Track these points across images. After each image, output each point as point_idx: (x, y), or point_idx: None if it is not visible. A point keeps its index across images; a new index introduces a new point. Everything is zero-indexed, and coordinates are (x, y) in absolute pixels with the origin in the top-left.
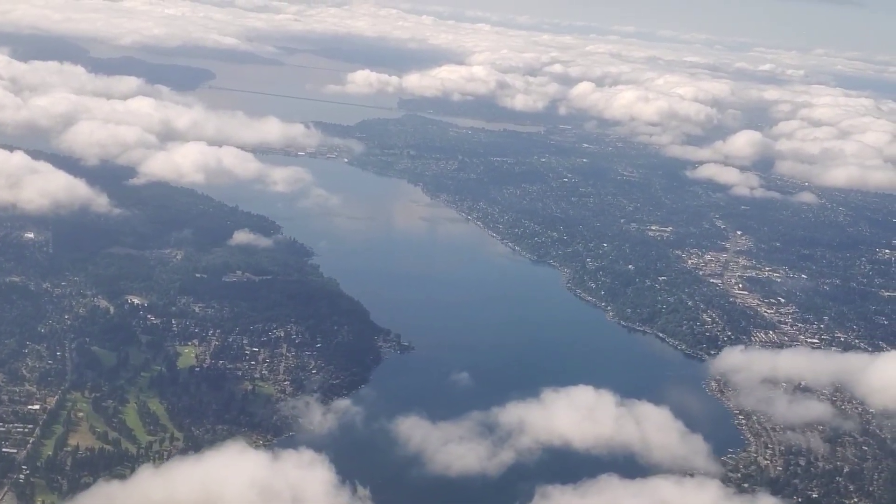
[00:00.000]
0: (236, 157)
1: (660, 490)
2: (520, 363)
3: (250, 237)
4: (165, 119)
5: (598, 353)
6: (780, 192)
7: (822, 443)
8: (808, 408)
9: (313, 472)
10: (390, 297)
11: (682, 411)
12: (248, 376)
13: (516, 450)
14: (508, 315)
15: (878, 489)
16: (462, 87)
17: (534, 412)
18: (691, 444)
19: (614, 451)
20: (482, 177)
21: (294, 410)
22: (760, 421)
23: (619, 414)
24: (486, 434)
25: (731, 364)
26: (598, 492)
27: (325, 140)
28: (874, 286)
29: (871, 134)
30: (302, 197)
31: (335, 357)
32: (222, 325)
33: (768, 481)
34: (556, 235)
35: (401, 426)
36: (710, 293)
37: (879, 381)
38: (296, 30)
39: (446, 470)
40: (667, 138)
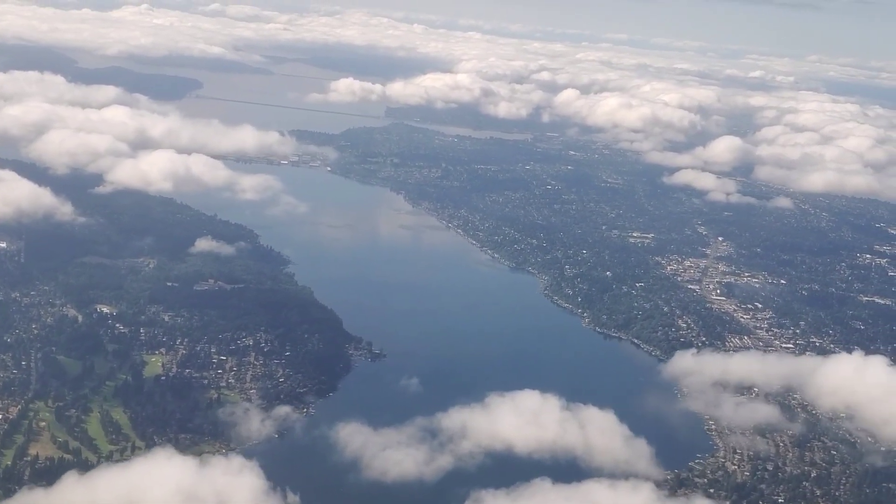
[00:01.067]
0: (206, 165)
1: (592, 494)
2: (488, 370)
3: (213, 244)
4: (141, 128)
5: (568, 359)
6: (756, 198)
7: (770, 446)
8: (755, 411)
9: (241, 478)
10: (365, 306)
11: (646, 416)
12: (214, 385)
13: (456, 455)
14: (483, 322)
15: (845, 493)
16: (446, 95)
17: (477, 417)
18: (635, 448)
19: (556, 456)
20: (465, 184)
21: (246, 418)
22: (730, 426)
23: (563, 418)
24: (428, 439)
25: (683, 368)
26: (530, 496)
27: (300, 148)
28: (853, 291)
29: (853, 139)
30: (273, 205)
31: (304, 365)
32: (191, 334)
33: (734, 486)
34: (536, 243)
35: (343, 433)
36: (687, 299)
37: (827, 384)
38: (285, 39)
39: (382, 476)
40: (648, 145)
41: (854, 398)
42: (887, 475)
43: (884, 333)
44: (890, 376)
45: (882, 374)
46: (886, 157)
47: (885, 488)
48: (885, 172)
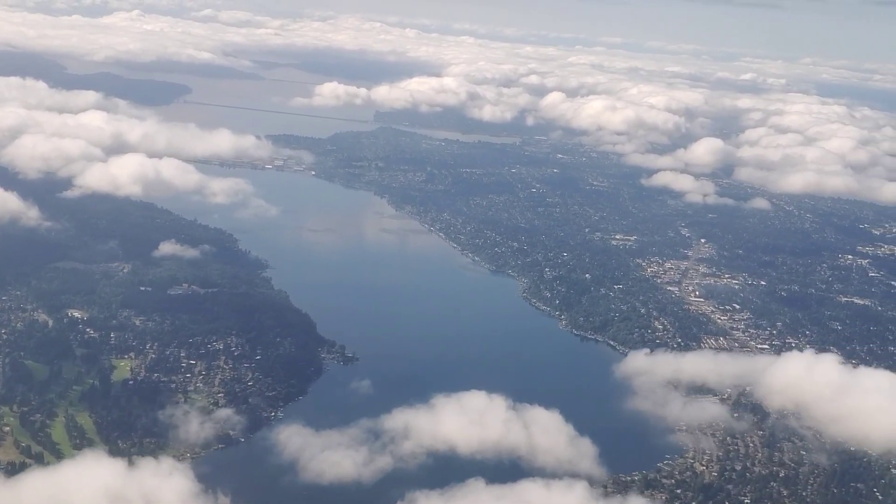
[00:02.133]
0: (177, 169)
1: (525, 494)
2: (456, 373)
3: (176, 248)
4: (117, 132)
5: (535, 361)
6: (734, 199)
7: (716, 445)
8: (703, 409)
9: (170, 481)
10: (342, 309)
11: (594, 417)
12: (182, 389)
13: (397, 456)
14: (459, 326)
15: (811, 493)
16: (432, 99)
17: (421, 418)
18: (579, 448)
19: (498, 456)
20: (450, 188)
21: (187, 420)
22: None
23: (508, 419)
24: (371, 441)
25: (636, 368)
26: (463, 496)
27: (279, 152)
28: (832, 292)
29: (836, 140)
30: (254, 209)
31: (274, 369)
32: (161, 338)
33: (701, 487)
34: (517, 246)
35: (285, 435)
36: (665, 300)
37: (777, 383)
38: (275, 44)
39: (318, 477)
40: (630, 147)
41: (803, 396)
42: (855, 475)
43: (860, 333)
44: (840, 374)
45: (832, 371)
46: (869, 158)
47: (853, 488)
48: (865, 173)
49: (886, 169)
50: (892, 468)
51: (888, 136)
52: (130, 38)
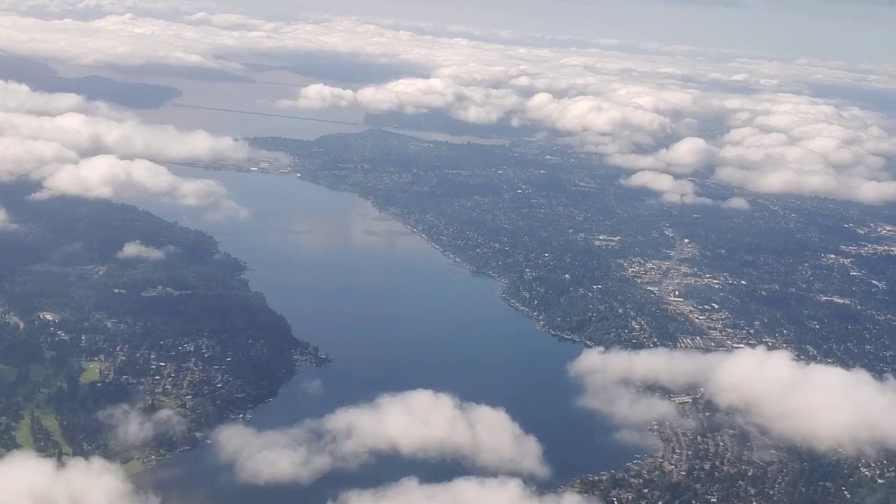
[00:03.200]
0: (148, 171)
1: (459, 492)
2: (427, 374)
3: (140, 249)
4: (95, 135)
5: (506, 362)
6: (711, 199)
7: (660, 442)
8: (651, 407)
9: (99, 481)
10: (319, 311)
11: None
12: (150, 391)
13: (337, 455)
14: (435, 327)
15: (779, 492)
16: (418, 101)
17: (365, 418)
18: (523, 446)
19: (440, 455)
20: (435, 189)
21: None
22: (673, 427)
23: (452, 418)
24: (314, 440)
25: (589, 366)
26: (394, 496)
27: (258, 154)
28: (813, 291)
29: (820, 140)
30: (236, 211)
31: (244, 371)
32: (131, 340)
33: (668, 486)
34: (498, 246)
35: (224, 436)
36: (644, 300)
37: (728, 380)
38: (266, 47)
39: (254, 478)
40: (613, 147)
41: (752, 393)
42: (823, 474)
43: (838, 332)
44: (791, 370)
45: (783, 368)
46: (852, 158)
47: (821, 486)
48: (847, 172)
49: (868, 168)
50: (861, 467)
51: (874, 136)
52: (120, 42)
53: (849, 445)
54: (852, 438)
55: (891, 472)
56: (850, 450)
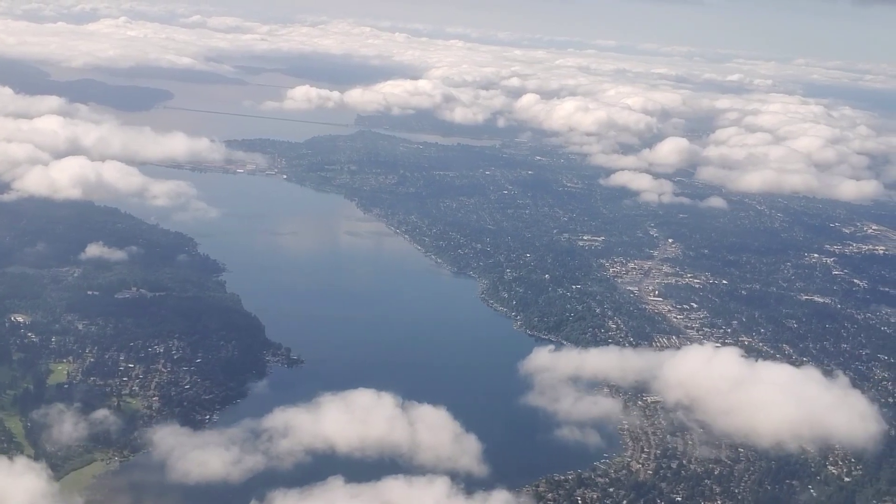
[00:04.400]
0: (119, 172)
1: (385, 491)
2: (396, 375)
3: (103, 250)
4: (73, 137)
5: (480, 362)
6: (689, 198)
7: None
8: (596, 405)
9: (22, 480)
10: (295, 313)
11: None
12: (117, 393)
13: (272, 455)
14: (411, 329)
15: (744, 491)
16: (406, 102)
17: (304, 417)
18: (463, 444)
19: (378, 454)
20: (421, 191)
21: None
22: (643, 426)
23: (392, 417)
24: (250, 440)
25: (539, 364)
26: (320, 495)
27: (239, 155)
28: (794, 290)
29: (805, 139)
30: (219, 213)
31: (214, 372)
32: (101, 342)
33: (634, 485)
34: (480, 247)
35: (159, 436)
36: (622, 300)
37: (675, 377)
38: (260, 49)
39: (183, 477)
40: (597, 147)
41: (698, 389)
42: (790, 472)
43: (815, 331)
44: (739, 367)
45: (731, 365)
46: (836, 157)
47: (788, 485)
48: (830, 171)
49: (852, 167)
50: (828, 465)
51: (861, 135)
52: (111, 45)
53: (791, 442)
54: (794, 435)
55: (858, 470)
56: (792, 446)
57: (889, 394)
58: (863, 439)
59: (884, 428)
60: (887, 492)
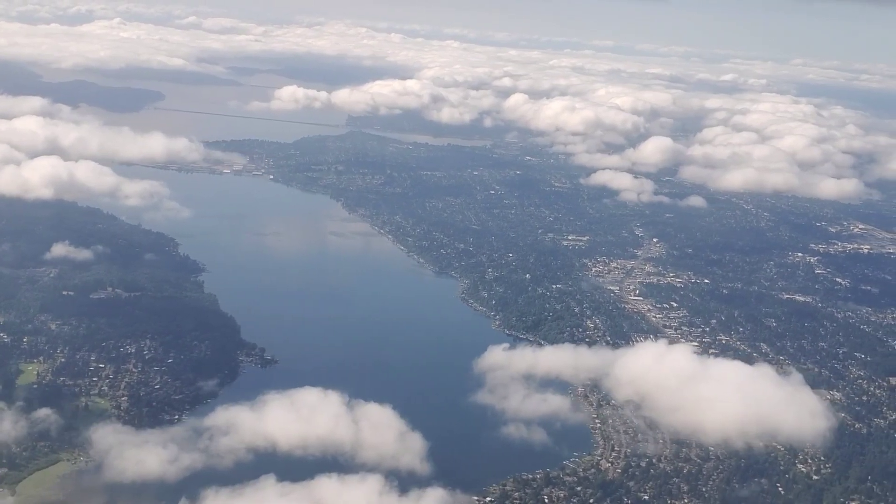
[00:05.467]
0: (93, 172)
1: (316, 490)
2: (367, 375)
3: (69, 249)
4: (51, 137)
5: (454, 362)
6: (669, 197)
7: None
8: (545, 402)
9: None
10: (273, 313)
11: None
12: (86, 392)
13: (212, 453)
14: (389, 329)
15: (711, 489)
16: (394, 102)
17: (248, 415)
18: (407, 443)
19: (322, 452)
20: (408, 191)
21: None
22: (613, 426)
23: (337, 415)
24: (193, 438)
25: (493, 362)
26: (252, 494)
27: (208, 154)
28: (776, 289)
29: (790, 138)
30: (203, 213)
31: (185, 372)
32: (73, 342)
33: (601, 484)
34: (463, 247)
35: (99, 435)
36: (602, 300)
37: (626, 374)
38: (253, 50)
39: (119, 475)
40: (582, 147)
41: (648, 387)
42: (759, 470)
43: (793, 330)
44: (690, 364)
45: (682, 362)
46: (821, 156)
47: (756, 483)
48: (814, 170)
49: (836, 166)
50: (797, 463)
51: (848, 134)
52: (102, 46)
53: (737, 439)
54: (741, 432)
55: (827, 468)
56: (738, 443)
57: (863, 392)
58: (811, 436)
59: (833, 424)
60: (855, 490)
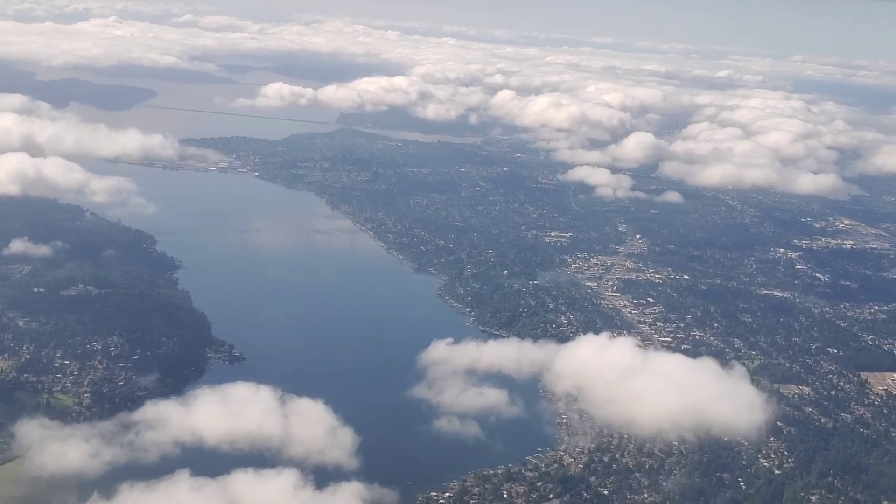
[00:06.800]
0: (60, 168)
1: (230, 485)
2: (335, 372)
3: (27, 246)
4: (27, 134)
5: (406, 359)
6: (646, 193)
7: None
8: (481, 396)
9: None
10: (247, 310)
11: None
12: (48, 389)
13: (137, 448)
14: (362, 326)
15: (672, 483)
16: (381, 99)
17: (177, 410)
18: (336, 438)
19: (250, 447)
20: (392, 188)
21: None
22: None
23: (268, 410)
24: (119, 433)
25: (436, 357)
26: (165, 489)
27: (194, 152)
28: (755, 285)
29: (775, 134)
30: (184, 211)
31: (151, 369)
32: (40, 339)
33: (562, 479)
34: (443, 243)
35: (23, 430)
36: (578, 296)
37: (566, 368)
38: (248, 48)
39: (38, 469)
40: (565, 143)
41: (586, 380)
42: (722, 464)
43: (769, 325)
44: (631, 357)
45: (623, 355)
46: (804, 151)
47: (717, 478)
48: (795, 166)
49: (818, 161)
50: (760, 458)
51: (836, 130)
52: (94, 44)
53: (671, 431)
54: (674, 424)
55: (790, 463)
56: (671, 435)
57: (833, 386)
58: (746, 428)
59: (769, 418)
60: (816, 485)
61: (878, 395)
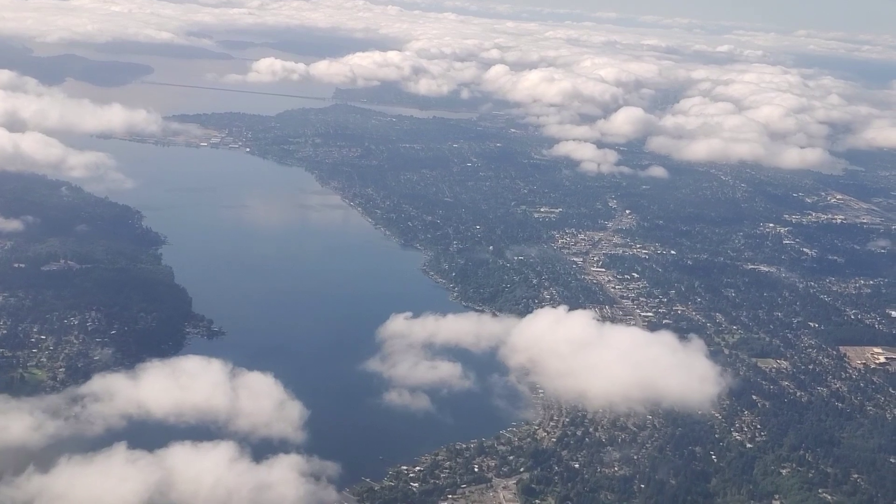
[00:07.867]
0: (37, 143)
1: (166, 457)
2: (313, 348)
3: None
4: (11, 110)
5: None
6: (630, 167)
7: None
8: (436, 369)
9: None
10: (229, 286)
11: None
12: (23, 364)
13: (83, 420)
14: (344, 301)
15: (643, 457)
16: (374, 74)
17: (125, 383)
18: (285, 412)
19: (196, 420)
20: (384, 163)
21: None
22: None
23: (217, 384)
24: (66, 406)
25: (393, 331)
26: (101, 462)
27: (175, 127)
28: (741, 259)
29: (766, 108)
30: (173, 186)
31: (127, 344)
32: (17, 314)
33: (533, 453)
34: (431, 219)
35: None
36: (563, 271)
37: (521, 341)
38: (245, 24)
39: None
40: (556, 118)
41: (541, 353)
42: (694, 438)
43: (752, 299)
44: (586, 331)
45: (579, 328)
46: (795, 126)
47: (689, 451)
48: (784, 140)
49: (808, 136)
50: (733, 431)
51: (830, 104)
52: (90, 20)
53: (621, 404)
54: (625, 397)
55: (762, 436)
56: (622, 408)
57: (811, 360)
58: (696, 401)
59: (720, 391)
60: (787, 458)
61: (856, 369)
